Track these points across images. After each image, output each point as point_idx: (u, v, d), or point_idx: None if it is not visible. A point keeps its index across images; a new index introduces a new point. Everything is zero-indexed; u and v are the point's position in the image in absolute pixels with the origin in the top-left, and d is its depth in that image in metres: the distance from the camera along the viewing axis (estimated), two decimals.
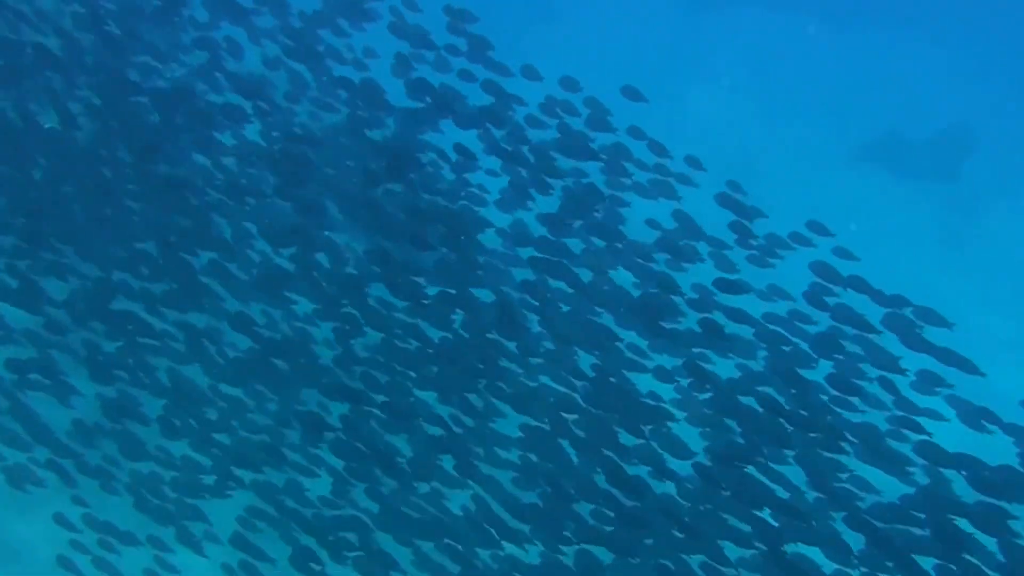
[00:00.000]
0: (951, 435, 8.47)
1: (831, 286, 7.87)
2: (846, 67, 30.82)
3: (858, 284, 7.79)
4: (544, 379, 8.60)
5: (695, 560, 7.52)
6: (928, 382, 7.97)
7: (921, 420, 7.67)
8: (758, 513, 7.37)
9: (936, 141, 26.01)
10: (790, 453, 7.55)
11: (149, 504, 8.38)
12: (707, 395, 7.81)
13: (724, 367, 9.10)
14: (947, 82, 30.77)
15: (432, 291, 8.43)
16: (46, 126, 9.56)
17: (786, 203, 9.31)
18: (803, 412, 7.72)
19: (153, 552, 8.43)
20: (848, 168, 24.86)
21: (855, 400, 7.76)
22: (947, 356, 7.44)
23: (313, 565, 7.99)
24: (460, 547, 7.99)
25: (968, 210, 24.28)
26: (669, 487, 8.13)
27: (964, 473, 6.94)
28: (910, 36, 33.42)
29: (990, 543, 6.69)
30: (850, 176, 24.39)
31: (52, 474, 8.53)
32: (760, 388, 7.52)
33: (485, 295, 9.45)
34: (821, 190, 21.96)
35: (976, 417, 7.48)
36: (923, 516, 6.90)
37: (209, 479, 8.55)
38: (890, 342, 7.93)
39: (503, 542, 7.95)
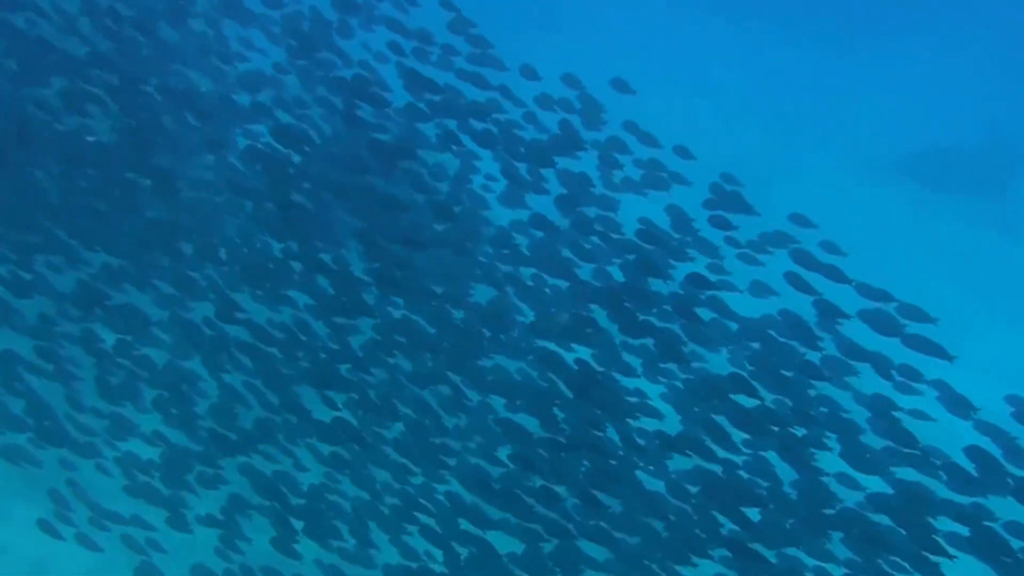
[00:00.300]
0: (937, 435, 8.33)
1: (810, 275, 7.80)
2: (881, 83, 30.55)
3: (836, 274, 7.73)
4: (532, 373, 8.65)
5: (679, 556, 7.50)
6: (908, 376, 7.86)
7: (904, 418, 7.57)
8: (744, 511, 7.34)
9: (980, 157, 25.63)
10: (771, 449, 7.50)
11: (139, 484, 8.58)
12: (684, 379, 7.80)
13: (715, 364, 9.05)
14: (991, 97, 30.32)
15: (430, 288, 8.55)
16: (89, 139, 9.88)
17: (808, 215, 9.18)
18: (787, 407, 7.68)
19: (141, 531, 8.63)
20: (879, 181, 24.57)
21: (827, 390, 7.70)
22: (919, 343, 7.34)
23: (297, 548, 8.12)
24: (443, 534, 8.06)
25: (1007, 227, 23.84)
26: (659, 485, 8.12)
27: (939, 470, 6.86)
28: (944, 48, 33.05)
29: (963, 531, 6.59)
30: (881, 189, 24.10)
31: (48, 453, 8.79)
32: (743, 383, 7.47)
33: (482, 292, 9.55)
34: (845, 203, 21.74)
35: (962, 405, 7.35)
36: (901, 513, 6.82)
37: (203, 468, 8.72)
38: (876, 342, 7.85)
39: (486, 531, 8.00)
